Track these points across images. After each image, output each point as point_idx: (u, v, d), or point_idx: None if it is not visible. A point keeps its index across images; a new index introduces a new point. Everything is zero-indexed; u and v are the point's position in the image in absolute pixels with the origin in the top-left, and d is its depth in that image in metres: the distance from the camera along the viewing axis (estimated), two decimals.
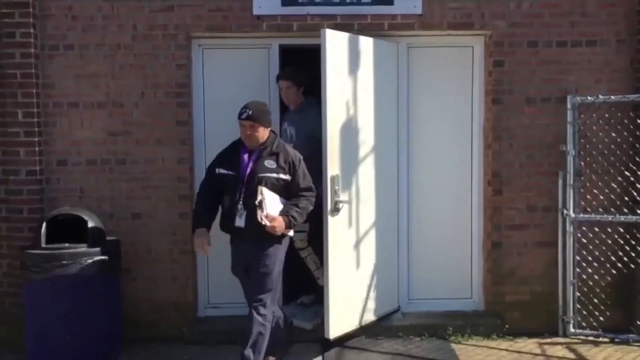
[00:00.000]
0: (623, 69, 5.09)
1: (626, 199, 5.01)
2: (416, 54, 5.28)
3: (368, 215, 4.99)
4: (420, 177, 5.33)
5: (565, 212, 4.98)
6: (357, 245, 4.89)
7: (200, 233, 4.20)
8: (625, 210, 4.96)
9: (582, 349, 4.81)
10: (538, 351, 4.78)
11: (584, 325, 5.04)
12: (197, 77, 5.17)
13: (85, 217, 4.57)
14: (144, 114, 5.02)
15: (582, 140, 5.01)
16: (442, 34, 5.16)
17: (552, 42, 5.07)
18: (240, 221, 4.11)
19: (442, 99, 5.30)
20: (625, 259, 4.97)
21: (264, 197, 4.05)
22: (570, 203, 4.97)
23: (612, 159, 5.02)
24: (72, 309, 4.42)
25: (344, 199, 4.69)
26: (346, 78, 4.75)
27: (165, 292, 5.07)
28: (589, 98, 4.91)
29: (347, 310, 4.81)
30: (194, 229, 4.24)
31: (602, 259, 5.06)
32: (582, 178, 5.02)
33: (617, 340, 4.94)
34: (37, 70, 4.92)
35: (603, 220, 4.96)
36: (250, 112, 4.11)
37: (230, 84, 5.15)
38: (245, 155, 4.20)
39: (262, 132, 4.18)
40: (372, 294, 5.03)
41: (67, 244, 4.49)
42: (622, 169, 5.00)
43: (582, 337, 4.99)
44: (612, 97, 4.89)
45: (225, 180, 4.20)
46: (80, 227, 4.55)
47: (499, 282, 5.17)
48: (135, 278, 5.04)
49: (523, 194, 5.13)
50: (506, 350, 4.81)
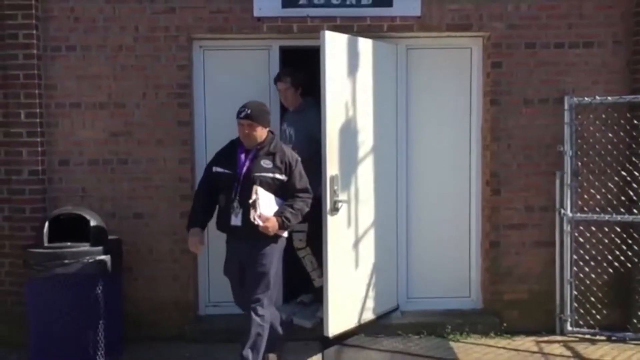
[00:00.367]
0: (620, 70, 5.14)
1: (623, 198, 5.07)
2: (415, 55, 5.33)
3: (367, 214, 5.03)
4: (419, 177, 5.37)
5: (562, 211, 5.03)
6: (356, 245, 4.93)
7: (194, 232, 4.23)
8: (622, 210, 5.01)
9: (579, 347, 4.85)
10: (535, 349, 4.82)
11: (581, 323, 5.08)
12: (198, 78, 5.22)
13: (88, 217, 4.60)
14: (145, 115, 5.07)
15: (580, 141, 5.06)
16: (441, 36, 5.20)
17: (550, 44, 5.12)
18: (236, 220, 4.11)
19: (441, 99, 5.34)
20: (622, 258, 5.02)
21: (258, 197, 4.04)
22: (568, 203, 5.02)
23: (608, 159, 5.07)
24: (74, 308, 4.45)
25: (343, 199, 4.73)
26: (345, 79, 4.79)
27: (167, 291, 5.11)
28: (586, 99, 4.95)
29: (346, 308, 4.85)
30: (189, 228, 4.28)
31: (599, 258, 5.11)
32: (580, 178, 5.07)
33: (613, 338, 4.98)
34: (39, 71, 4.96)
35: (600, 220, 5.01)
36: (249, 111, 4.13)
37: (231, 84, 5.19)
38: (242, 154, 4.20)
39: (260, 131, 4.18)
40: (371, 293, 5.07)
41: (69, 243, 4.53)
42: (619, 169, 5.05)
43: (579, 336, 5.04)
44: (609, 98, 4.94)
45: (221, 178, 4.21)
46: (82, 226, 4.58)
47: (497, 281, 5.22)
48: (136, 277, 5.08)
49: (521, 194, 5.17)
50: (504, 348, 4.86)
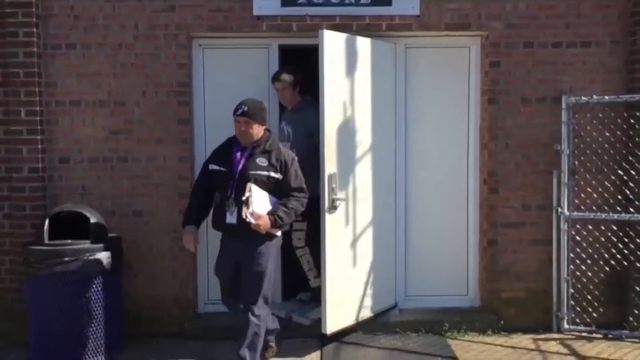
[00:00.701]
0: (617, 70, 5.16)
1: (619, 197, 5.10)
2: (414, 54, 5.35)
3: (365, 212, 5.06)
4: (417, 175, 5.40)
5: (559, 210, 5.06)
6: (354, 242, 4.96)
7: (189, 230, 4.26)
8: (618, 209, 5.04)
9: (576, 344, 4.89)
10: (532, 346, 4.86)
11: (578, 321, 5.11)
12: (198, 76, 5.24)
13: (88, 214, 4.62)
14: (145, 113, 5.09)
15: (577, 140, 5.09)
16: (440, 35, 5.23)
17: (548, 43, 5.15)
18: (231, 218, 4.11)
19: (439, 98, 5.37)
20: (618, 257, 5.05)
21: (252, 194, 4.04)
22: (565, 201, 5.05)
23: (605, 158, 5.10)
24: (74, 305, 4.47)
25: (341, 197, 4.75)
26: (344, 78, 4.81)
27: (166, 288, 5.13)
28: (584, 98, 4.98)
29: (344, 306, 4.88)
30: (184, 225, 4.31)
31: (596, 257, 5.14)
32: (577, 177, 5.10)
33: (610, 336, 5.02)
34: (39, 69, 4.97)
35: (597, 218, 5.03)
36: (245, 109, 4.13)
37: (231, 83, 5.20)
38: (238, 152, 4.20)
39: (257, 129, 4.18)
40: (369, 291, 5.10)
41: (69, 241, 4.55)
42: (616, 167, 5.08)
43: (575, 333, 5.07)
44: (606, 97, 4.96)
45: (217, 176, 4.22)
46: (82, 224, 4.61)
47: (494, 279, 5.25)
48: (136, 275, 5.11)
49: (518, 193, 5.21)
50: (501, 345, 4.89)
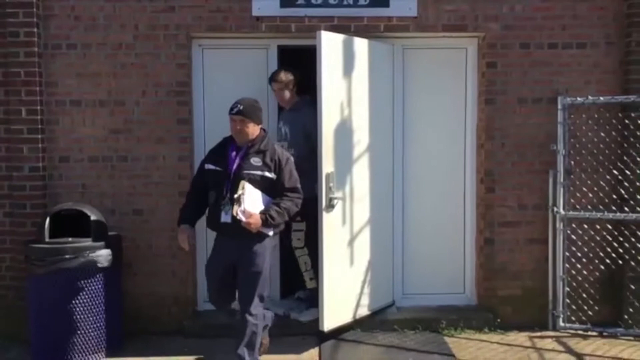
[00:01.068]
0: (612, 71, 5.21)
1: (614, 196, 5.15)
2: (411, 55, 5.39)
3: (363, 211, 5.10)
4: (414, 175, 5.44)
5: (555, 209, 5.11)
6: (351, 241, 5.00)
7: (183, 229, 4.30)
8: (614, 208, 5.10)
9: (571, 342, 4.94)
10: (528, 344, 4.91)
11: (573, 319, 5.16)
12: (197, 76, 5.27)
13: (89, 212, 4.66)
14: (145, 112, 5.12)
15: (572, 140, 5.13)
16: (437, 36, 5.27)
17: (544, 44, 5.19)
18: (226, 217, 4.11)
19: (436, 99, 5.41)
20: (614, 255, 5.11)
21: (244, 193, 4.04)
22: (561, 201, 5.10)
23: (600, 158, 5.15)
24: (74, 303, 4.51)
25: (338, 196, 4.79)
26: (342, 78, 4.85)
27: (166, 286, 5.16)
28: (579, 99, 5.03)
29: (341, 303, 4.92)
30: (179, 224, 4.34)
31: (591, 255, 5.19)
32: (572, 176, 5.15)
33: (605, 334, 5.07)
34: (40, 69, 5.00)
35: (592, 218, 5.09)
36: (241, 107, 4.15)
37: (230, 83, 5.24)
38: (234, 152, 4.22)
39: (252, 128, 4.19)
40: (366, 289, 5.14)
41: (70, 239, 4.59)
42: (611, 167, 5.13)
43: (571, 331, 5.12)
44: (601, 98, 5.02)
45: (212, 175, 4.24)
46: (82, 223, 4.64)
47: (491, 278, 5.30)
48: (136, 273, 5.14)
49: (515, 192, 5.25)
50: (498, 343, 4.93)
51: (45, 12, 5.03)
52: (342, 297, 4.92)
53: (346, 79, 4.89)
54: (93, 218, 4.65)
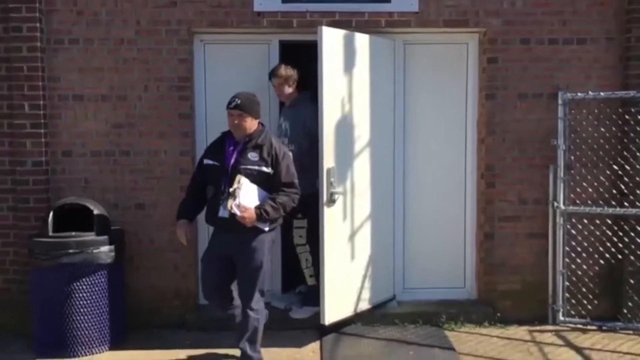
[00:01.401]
0: (612, 66, 5.22)
1: (614, 191, 5.17)
2: (412, 50, 5.41)
3: (364, 206, 5.12)
4: (415, 170, 5.46)
5: (555, 204, 5.13)
6: (352, 235, 5.03)
7: (182, 224, 4.31)
8: (613, 203, 5.11)
9: (571, 336, 4.97)
10: (528, 338, 4.94)
11: (573, 313, 5.19)
12: (199, 71, 5.29)
13: (92, 207, 4.70)
14: (147, 107, 5.14)
15: (573, 135, 5.15)
16: (438, 32, 5.28)
17: (544, 40, 5.20)
18: (224, 212, 4.10)
19: (437, 94, 5.43)
20: (613, 250, 5.13)
21: (240, 187, 4.04)
22: (561, 196, 5.12)
23: (601, 153, 5.17)
24: (77, 296, 4.56)
25: (339, 191, 4.81)
26: (343, 74, 4.87)
27: (168, 280, 5.20)
28: (579, 94, 5.05)
29: (342, 297, 4.95)
30: (177, 219, 4.36)
31: (591, 250, 5.22)
32: (572, 171, 5.17)
33: (604, 328, 5.10)
34: (43, 64, 5.02)
35: (592, 213, 5.11)
36: (238, 102, 4.14)
37: (231, 78, 5.24)
38: (231, 147, 4.22)
39: (250, 122, 4.18)
40: (367, 283, 5.17)
41: (73, 233, 4.62)
42: (611, 162, 5.15)
43: (570, 325, 5.15)
44: (602, 93, 5.03)
45: (210, 170, 4.24)
46: (85, 217, 4.68)
47: (491, 272, 5.33)
48: (138, 267, 5.17)
49: (515, 187, 5.27)
50: (497, 337, 4.97)
51: (48, 7, 5.04)
52: (343, 291, 4.95)
53: (347, 74, 4.91)
54: (96, 212, 4.69)
